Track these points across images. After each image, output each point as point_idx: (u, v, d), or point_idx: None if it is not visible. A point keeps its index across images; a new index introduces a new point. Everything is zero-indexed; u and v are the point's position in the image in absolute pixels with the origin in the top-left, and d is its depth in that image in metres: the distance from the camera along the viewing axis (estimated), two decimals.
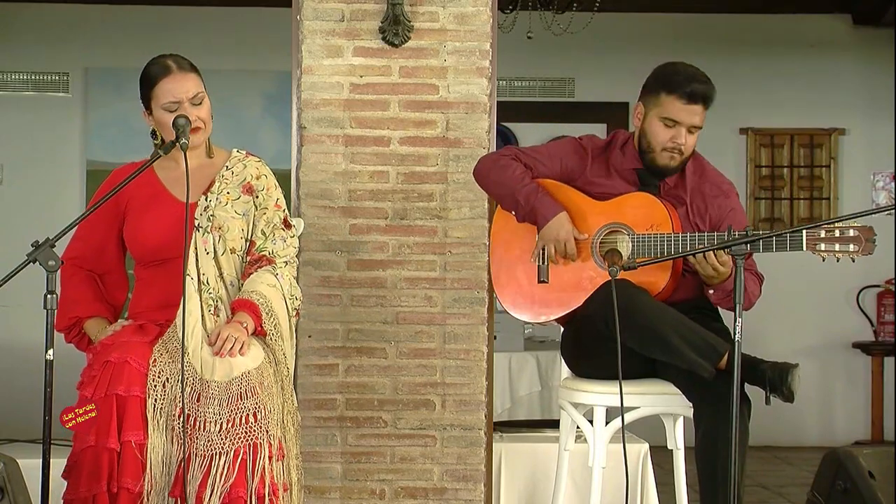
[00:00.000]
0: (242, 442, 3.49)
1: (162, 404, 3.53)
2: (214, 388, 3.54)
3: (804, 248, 3.68)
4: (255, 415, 3.53)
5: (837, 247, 3.66)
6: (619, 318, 3.69)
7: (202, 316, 3.67)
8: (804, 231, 3.67)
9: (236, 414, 3.51)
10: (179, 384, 3.52)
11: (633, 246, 4.00)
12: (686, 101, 4.02)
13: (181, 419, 3.51)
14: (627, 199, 4.09)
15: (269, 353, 3.69)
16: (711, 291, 4.00)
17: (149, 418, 3.52)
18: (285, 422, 3.65)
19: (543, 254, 4.12)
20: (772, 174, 9.09)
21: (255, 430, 3.51)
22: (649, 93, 4.10)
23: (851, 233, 3.65)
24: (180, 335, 3.57)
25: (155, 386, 3.54)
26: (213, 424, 3.50)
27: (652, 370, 4.02)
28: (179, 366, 3.54)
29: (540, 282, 4.14)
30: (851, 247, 3.66)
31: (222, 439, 3.49)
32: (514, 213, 4.17)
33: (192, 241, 3.73)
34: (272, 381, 3.62)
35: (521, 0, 7.68)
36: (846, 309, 8.99)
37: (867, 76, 8.94)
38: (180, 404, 3.51)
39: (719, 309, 4.13)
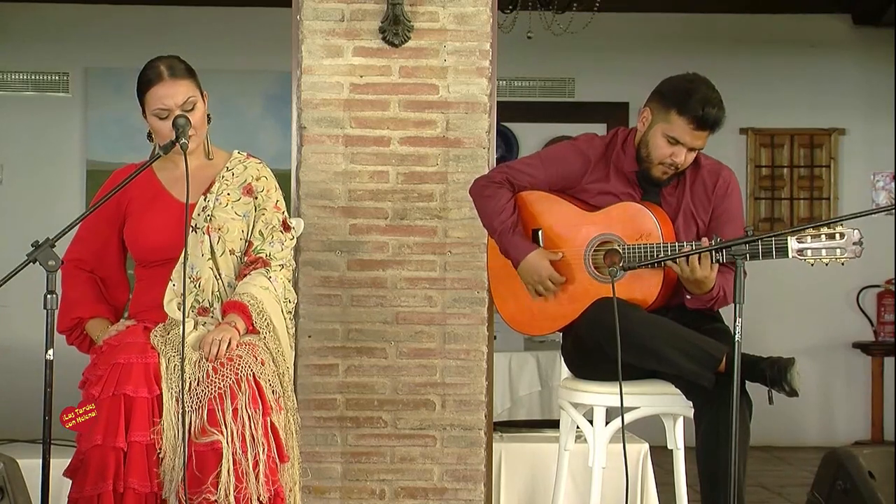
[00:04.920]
0: (232, 373, 3.52)
1: (174, 364, 3.55)
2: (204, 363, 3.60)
3: (789, 255, 3.66)
4: (238, 356, 3.57)
5: (824, 252, 3.64)
6: (612, 338, 3.69)
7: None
8: (789, 239, 3.65)
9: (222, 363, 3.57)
10: (180, 381, 3.53)
11: (624, 256, 4.00)
12: (695, 127, 3.97)
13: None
14: (616, 210, 4.07)
15: (265, 347, 3.70)
16: (689, 297, 4.01)
17: (163, 377, 3.55)
18: (288, 421, 3.66)
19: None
20: (772, 174, 9.09)
21: (240, 366, 3.54)
22: (660, 104, 4.04)
23: (837, 237, 3.63)
24: (181, 332, 3.57)
25: (165, 350, 3.58)
26: (201, 374, 3.55)
27: (652, 371, 4.02)
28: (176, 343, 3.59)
29: (538, 295, 4.15)
30: (838, 251, 3.64)
31: (210, 381, 3.54)
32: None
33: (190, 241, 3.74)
34: (262, 350, 3.64)
35: (521, 0, 7.68)
36: (846, 309, 8.99)
37: (867, 76, 8.94)
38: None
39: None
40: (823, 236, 3.63)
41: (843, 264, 3.67)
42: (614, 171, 4.14)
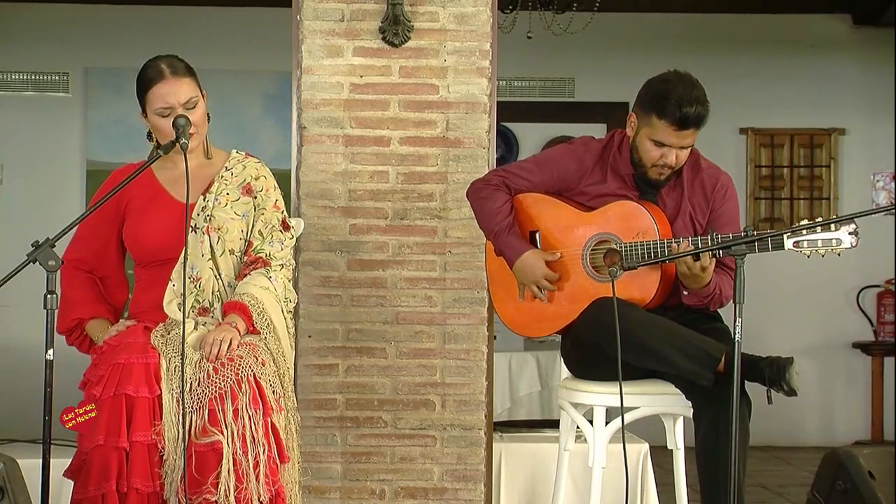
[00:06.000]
0: (232, 373, 3.52)
1: (175, 364, 3.55)
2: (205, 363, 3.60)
3: (785, 246, 3.65)
4: (239, 356, 3.56)
5: (820, 243, 3.64)
6: (612, 338, 3.69)
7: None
8: (785, 231, 3.66)
9: (222, 363, 3.57)
10: (181, 381, 3.53)
11: (622, 254, 3.99)
12: (677, 128, 3.94)
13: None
14: (612, 209, 4.06)
15: (266, 347, 3.69)
16: (686, 293, 4.01)
17: (163, 377, 3.54)
18: (288, 421, 3.66)
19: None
20: (772, 174, 9.09)
21: (240, 366, 3.53)
22: (641, 109, 4.02)
23: (833, 228, 3.63)
24: (181, 332, 3.57)
25: (165, 350, 3.58)
26: (202, 374, 3.54)
27: (652, 371, 4.02)
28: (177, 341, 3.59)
29: (533, 298, 4.15)
30: (833, 242, 3.64)
31: (211, 381, 3.53)
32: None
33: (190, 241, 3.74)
34: (262, 351, 3.64)
35: (521, 0, 7.68)
36: (846, 309, 8.99)
37: (867, 76, 8.95)
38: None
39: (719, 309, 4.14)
40: (819, 228, 3.63)
41: (839, 255, 3.66)
42: (612, 174, 4.13)
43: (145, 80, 3.81)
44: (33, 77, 8.73)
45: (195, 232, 3.79)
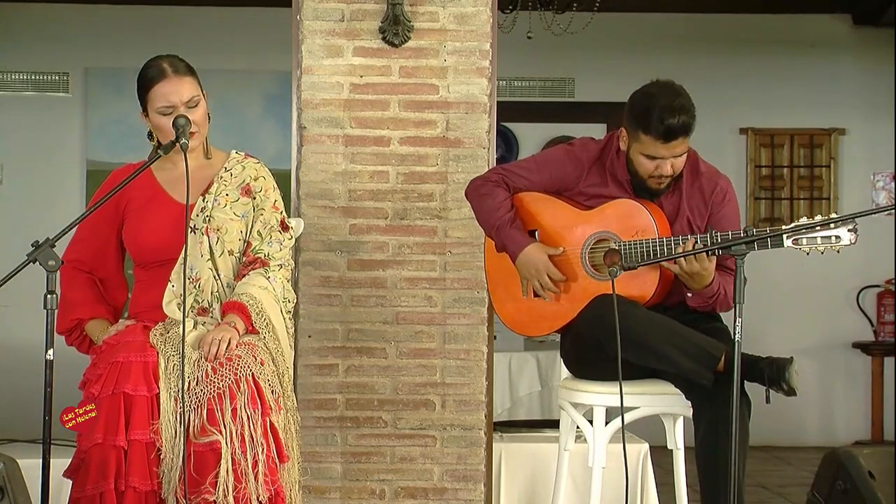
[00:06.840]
0: (231, 373, 3.52)
1: (174, 363, 3.55)
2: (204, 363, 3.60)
3: (784, 244, 3.65)
4: (238, 356, 3.56)
5: (819, 240, 3.64)
6: (612, 336, 3.69)
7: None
8: (785, 230, 3.65)
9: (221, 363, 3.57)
10: (179, 380, 3.53)
11: (621, 253, 3.99)
12: (664, 141, 3.93)
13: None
14: (610, 208, 4.06)
15: (265, 347, 3.69)
16: (690, 295, 4.01)
17: (161, 375, 3.54)
18: (287, 421, 3.66)
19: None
20: (772, 174, 9.09)
21: (239, 366, 3.53)
22: (629, 126, 4.00)
23: (832, 225, 3.62)
24: (181, 332, 3.57)
25: (164, 349, 3.58)
26: (200, 373, 3.54)
27: (652, 371, 4.02)
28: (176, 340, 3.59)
29: (536, 296, 4.15)
30: (833, 238, 3.63)
31: (209, 381, 3.53)
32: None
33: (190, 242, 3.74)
34: (261, 350, 3.64)
35: (521, 0, 7.68)
36: (846, 309, 8.99)
37: (867, 76, 8.95)
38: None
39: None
40: (818, 227, 3.62)
41: (838, 252, 3.65)
42: (610, 177, 4.13)
43: (147, 78, 3.80)
44: (33, 77, 8.73)
45: (194, 233, 3.78)
